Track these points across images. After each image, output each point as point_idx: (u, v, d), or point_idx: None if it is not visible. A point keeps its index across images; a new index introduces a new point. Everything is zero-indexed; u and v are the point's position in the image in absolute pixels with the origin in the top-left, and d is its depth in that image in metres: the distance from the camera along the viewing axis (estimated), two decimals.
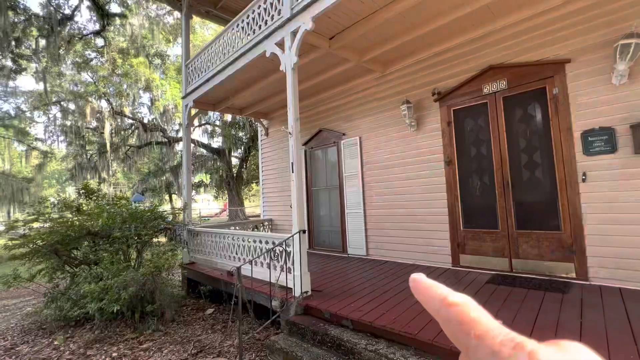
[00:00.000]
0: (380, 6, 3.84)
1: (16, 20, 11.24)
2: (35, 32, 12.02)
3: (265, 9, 4.47)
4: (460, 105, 4.63)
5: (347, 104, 6.20)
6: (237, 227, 6.91)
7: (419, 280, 0.24)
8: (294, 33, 3.99)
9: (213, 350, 3.60)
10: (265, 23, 4.46)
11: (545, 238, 3.92)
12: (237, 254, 5.02)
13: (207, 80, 5.85)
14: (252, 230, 7.35)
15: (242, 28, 4.94)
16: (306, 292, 3.73)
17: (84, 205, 5.40)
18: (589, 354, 0.18)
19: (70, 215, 5.10)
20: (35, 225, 5.04)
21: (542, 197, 3.97)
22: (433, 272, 4.46)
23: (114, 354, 3.65)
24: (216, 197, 25.53)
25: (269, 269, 3.95)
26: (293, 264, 3.83)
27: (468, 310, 0.20)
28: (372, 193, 5.71)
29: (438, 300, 0.22)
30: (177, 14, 13.37)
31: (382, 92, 5.61)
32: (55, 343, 4.08)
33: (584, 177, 3.63)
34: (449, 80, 4.75)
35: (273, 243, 4.23)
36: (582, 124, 3.64)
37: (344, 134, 6.23)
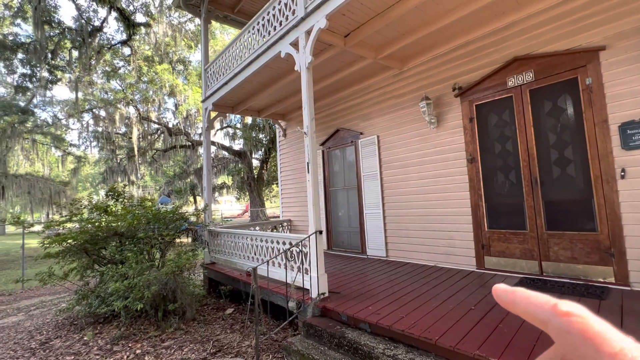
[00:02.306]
0: (395, 0, 3.73)
1: (51, 33, 12.00)
2: (68, 44, 12.78)
3: (280, 10, 4.48)
4: (483, 100, 4.42)
5: (364, 102, 6.10)
6: (257, 228, 6.97)
7: (515, 290, 0.22)
8: (308, 32, 3.96)
9: (231, 350, 3.63)
10: (280, 24, 4.47)
11: (579, 239, 3.65)
12: (255, 254, 5.06)
13: (225, 83, 5.94)
14: (272, 230, 7.40)
15: (258, 30, 4.98)
16: (323, 293, 3.68)
17: (111, 206, 5.63)
18: None
19: (98, 217, 5.33)
20: (68, 225, 5.32)
21: (575, 195, 3.70)
22: (456, 275, 4.27)
23: (138, 351, 3.77)
24: (238, 199, 26.06)
25: (286, 269, 3.94)
26: (310, 265, 3.80)
27: (590, 322, 0.18)
28: (391, 193, 5.58)
29: (547, 309, 0.20)
30: (197, 20, 13.76)
31: (400, 89, 5.47)
32: (85, 338, 4.26)
33: (622, 174, 3.34)
34: (470, 74, 4.55)
35: (290, 244, 4.22)
36: (620, 116, 3.36)
37: (361, 133, 6.14)
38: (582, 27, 3.61)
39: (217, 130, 17.00)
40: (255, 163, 17.94)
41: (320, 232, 3.77)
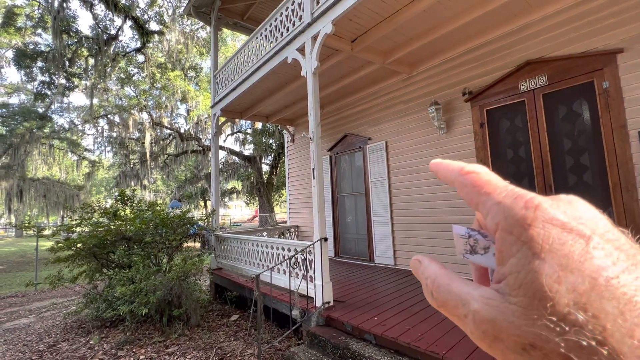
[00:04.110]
0: (403, 4, 3.68)
1: (69, 42, 12.41)
2: (85, 52, 13.19)
3: (287, 16, 4.49)
4: (494, 105, 4.30)
5: (372, 107, 6.04)
6: (264, 234, 6.95)
7: (439, 161, 0.25)
8: (315, 38, 3.94)
9: (234, 359, 3.57)
10: (287, 30, 4.47)
11: None
12: (260, 260, 5.01)
13: (234, 89, 5.99)
14: (279, 236, 7.36)
15: (265, 36, 5.00)
16: (328, 302, 3.60)
17: (120, 210, 5.70)
18: (584, 204, 0.19)
19: (107, 221, 5.40)
20: (79, 229, 5.40)
21: (593, 204, 3.52)
22: None
23: (142, 357, 3.75)
24: (248, 204, 26.22)
25: (290, 277, 3.88)
26: (314, 272, 3.73)
27: (482, 175, 0.22)
28: (399, 199, 5.47)
29: (456, 171, 0.23)
30: (209, 27, 14.07)
31: (408, 94, 5.39)
32: (91, 342, 4.29)
33: None
34: (481, 78, 4.45)
35: (295, 250, 4.16)
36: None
37: (369, 139, 6.07)
38: (598, 30, 3.48)
39: (228, 135, 17.19)
40: (265, 168, 18.03)
41: (326, 239, 3.70)
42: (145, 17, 14.03)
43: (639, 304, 0.15)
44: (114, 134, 16.66)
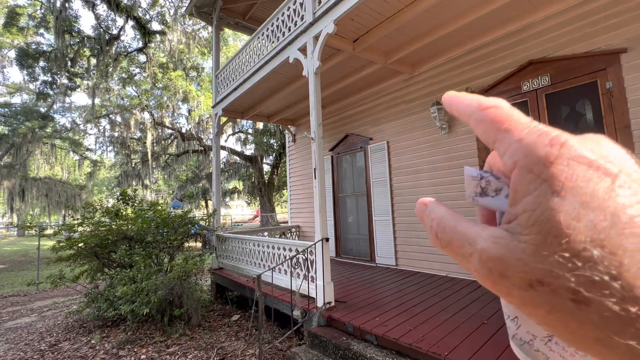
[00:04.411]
0: (405, 4, 3.67)
1: (71, 42, 12.45)
2: (87, 52, 13.23)
3: (288, 16, 4.49)
4: None
5: (374, 107, 6.03)
6: (265, 234, 6.94)
7: (457, 94, 0.23)
8: (316, 37, 3.93)
9: (235, 359, 3.57)
10: (289, 29, 4.47)
11: None
12: (261, 260, 5.01)
13: (235, 89, 5.98)
14: (280, 236, 7.36)
15: (267, 36, 5.00)
16: (329, 302, 3.59)
17: (122, 210, 5.71)
18: (613, 144, 0.18)
19: (108, 220, 5.40)
20: (80, 229, 5.41)
21: None
22: (468, 286, 4.11)
23: (143, 356, 3.75)
24: (249, 203, 26.24)
25: (291, 277, 3.87)
26: (316, 272, 3.72)
27: (503, 110, 0.20)
28: (401, 199, 5.46)
29: (474, 105, 0.21)
30: (210, 27, 14.09)
31: (410, 94, 5.38)
32: (93, 342, 4.29)
33: None
34: (483, 78, 4.43)
35: (297, 250, 4.15)
36: None
37: (371, 139, 6.06)
38: (601, 29, 3.46)
39: (229, 135, 17.21)
40: (266, 168, 18.04)
41: (327, 240, 3.70)
42: (147, 17, 14.06)
43: None
44: (116, 134, 16.70)
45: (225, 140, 17.52)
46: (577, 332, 0.16)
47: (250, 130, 17.33)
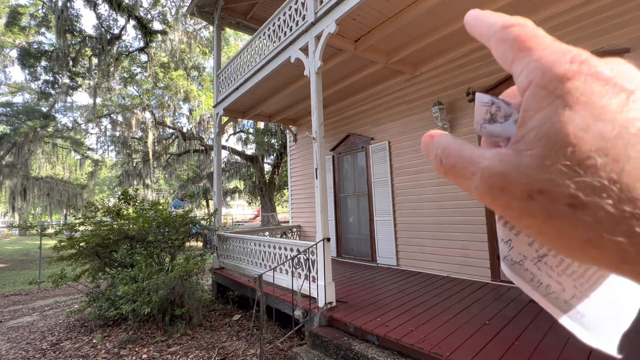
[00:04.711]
0: (407, 4, 3.66)
1: (73, 42, 12.47)
2: (89, 52, 13.25)
3: (290, 16, 4.48)
4: None
5: (375, 107, 6.02)
6: (266, 233, 6.94)
7: (476, 12, 0.22)
8: (318, 37, 3.93)
9: (236, 359, 3.57)
10: (290, 29, 4.46)
11: None
12: (262, 260, 5.01)
13: (236, 89, 5.98)
14: (281, 236, 7.36)
15: (269, 36, 5.00)
16: (330, 302, 3.59)
17: (123, 210, 5.71)
18: (633, 66, 0.18)
19: (110, 220, 5.41)
20: (82, 228, 5.42)
21: None
22: (469, 287, 4.11)
23: (144, 356, 3.75)
24: (250, 203, 26.25)
25: (292, 277, 3.87)
26: (317, 272, 3.72)
27: (527, 28, 0.19)
28: (402, 199, 5.45)
29: (498, 24, 0.20)
30: (212, 27, 14.10)
31: (412, 94, 5.37)
32: (94, 341, 4.29)
33: None
34: (485, 78, 4.42)
35: (298, 250, 4.15)
36: None
37: (372, 139, 6.05)
38: (604, 29, 3.45)
39: (230, 135, 17.21)
40: (267, 168, 18.04)
41: (328, 240, 3.69)
42: (149, 16, 14.07)
43: None
44: (117, 133, 16.72)
45: (227, 140, 17.53)
46: (569, 236, 0.16)
47: (251, 130, 17.34)
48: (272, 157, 17.36)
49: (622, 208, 0.15)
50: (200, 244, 12.54)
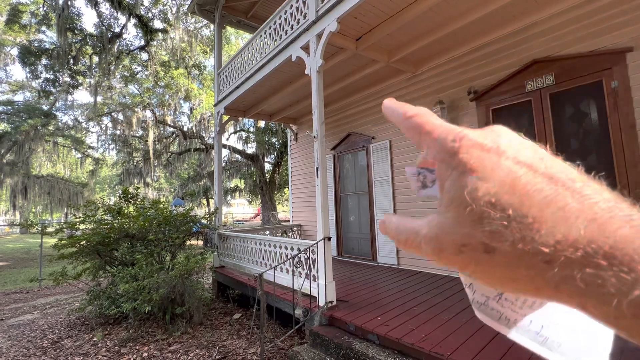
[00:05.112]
0: (408, 2, 3.65)
1: (74, 40, 12.45)
2: (89, 50, 13.24)
3: (291, 14, 4.47)
4: (500, 105, 4.26)
5: (376, 106, 6.01)
6: (267, 232, 6.94)
7: (390, 103, 0.27)
8: (319, 35, 3.92)
9: (236, 357, 3.57)
10: (292, 28, 4.45)
11: None
12: (263, 259, 5.01)
13: (237, 87, 5.97)
14: (281, 235, 7.36)
15: (270, 34, 4.98)
16: (331, 302, 3.59)
17: (124, 208, 5.71)
18: (507, 132, 0.22)
19: (110, 218, 5.41)
20: (82, 227, 5.42)
21: None
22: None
23: (144, 354, 3.76)
24: (250, 202, 26.25)
25: (293, 276, 3.87)
26: (317, 272, 3.71)
27: (422, 116, 0.25)
28: (403, 199, 5.45)
29: (401, 115, 0.26)
30: (213, 26, 14.06)
31: (413, 93, 5.36)
32: (95, 339, 4.30)
33: None
34: (486, 77, 4.41)
35: (298, 249, 4.15)
36: None
37: (373, 138, 6.04)
38: (606, 28, 3.43)
39: (231, 134, 17.20)
40: (268, 167, 18.04)
41: (329, 239, 3.69)
42: (150, 15, 14.05)
43: (534, 194, 0.18)
44: (118, 132, 16.72)
45: (227, 139, 17.52)
46: (496, 275, 0.20)
47: (251, 129, 17.33)
48: (272, 156, 17.36)
49: (518, 247, 0.18)
50: (200, 242, 12.55)
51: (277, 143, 16.13)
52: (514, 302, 0.25)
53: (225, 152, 17.10)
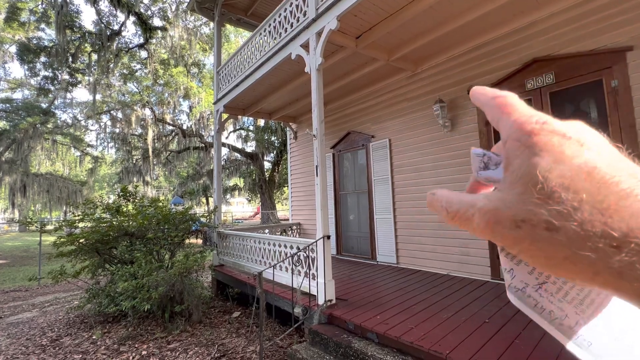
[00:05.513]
0: (409, 0, 3.63)
1: (73, 37, 12.40)
2: (88, 48, 13.19)
3: (291, 12, 4.45)
4: None
5: (376, 105, 6.00)
6: (266, 231, 6.94)
7: (478, 88, 0.28)
8: (319, 33, 3.90)
9: (236, 356, 3.57)
10: (291, 26, 4.44)
11: None
12: (262, 257, 5.01)
13: (237, 85, 5.96)
14: (280, 234, 7.36)
15: (269, 32, 4.97)
16: (330, 300, 3.59)
17: (123, 206, 5.70)
18: (593, 130, 0.23)
19: (109, 217, 5.40)
20: (81, 225, 5.41)
21: None
22: (469, 285, 4.11)
23: (144, 352, 3.76)
24: (249, 201, 26.23)
25: (292, 274, 3.87)
26: (317, 270, 3.71)
27: (508, 99, 0.25)
28: (403, 197, 5.44)
29: (489, 96, 0.27)
30: (212, 24, 14.02)
31: (413, 91, 5.35)
32: (94, 337, 4.30)
33: None
34: (486, 76, 4.40)
35: (298, 248, 4.14)
36: None
37: (373, 137, 6.03)
38: (607, 27, 3.42)
39: (230, 132, 17.17)
40: (267, 165, 18.02)
41: (328, 237, 3.69)
42: (149, 12, 13.99)
43: (612, 185, 0.19)
44: (117, 130, 16.67)
45: (227, 137, 17.49)
46: (551, 255, 0.20)
47: (251, 127, 17.30)
48: (272, 154, 17.33)
49: (586, 228, 0.19)
50: (200, 241, 12.55)
51: (276, 142, 16.11)
52: (553, 294, 0.25)
53: (224, 151, 17.08)
